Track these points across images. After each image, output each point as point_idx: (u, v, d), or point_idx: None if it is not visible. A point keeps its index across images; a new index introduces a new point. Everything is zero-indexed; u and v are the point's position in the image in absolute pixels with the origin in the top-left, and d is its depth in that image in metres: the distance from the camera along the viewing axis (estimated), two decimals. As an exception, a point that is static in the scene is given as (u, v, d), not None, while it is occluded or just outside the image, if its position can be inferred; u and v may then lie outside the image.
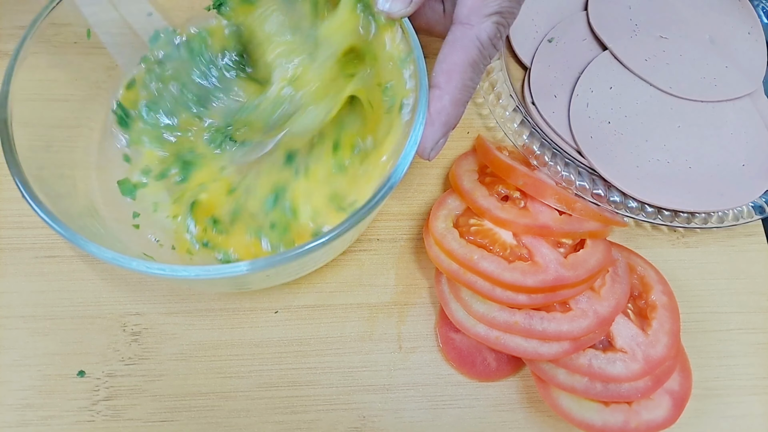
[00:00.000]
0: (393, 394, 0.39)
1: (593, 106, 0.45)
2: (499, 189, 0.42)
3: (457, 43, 0.33)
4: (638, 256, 0.42)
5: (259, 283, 0.36)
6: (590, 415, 0.36)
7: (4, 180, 0.42)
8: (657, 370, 0.36)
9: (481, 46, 0.33)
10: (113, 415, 0.37)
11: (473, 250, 0.38)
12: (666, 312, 0.38)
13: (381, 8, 0.33)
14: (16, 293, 0.40)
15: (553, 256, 0.38)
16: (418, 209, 0.45)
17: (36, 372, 0.38)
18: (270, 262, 0.28)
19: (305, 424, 0.38)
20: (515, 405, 0.40)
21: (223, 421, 0.38)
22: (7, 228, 0.41)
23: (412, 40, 0.34)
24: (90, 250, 0.29)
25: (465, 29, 0.33)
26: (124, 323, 0.40)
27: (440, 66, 0.34)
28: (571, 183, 0.42)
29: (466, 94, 0.34)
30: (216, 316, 0.40)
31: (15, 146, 0.31)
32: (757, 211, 0.43)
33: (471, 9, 0.33)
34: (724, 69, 0.47)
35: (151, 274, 0.28)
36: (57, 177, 0.34)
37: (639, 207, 0.43)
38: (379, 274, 0.42)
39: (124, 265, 0.28)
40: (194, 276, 0.28)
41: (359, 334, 0.41)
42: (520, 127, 0.44)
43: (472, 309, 0.38)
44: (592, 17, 0.49)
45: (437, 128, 0.34)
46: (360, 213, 0.30)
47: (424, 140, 0.33)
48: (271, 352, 0.40)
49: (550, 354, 0.36)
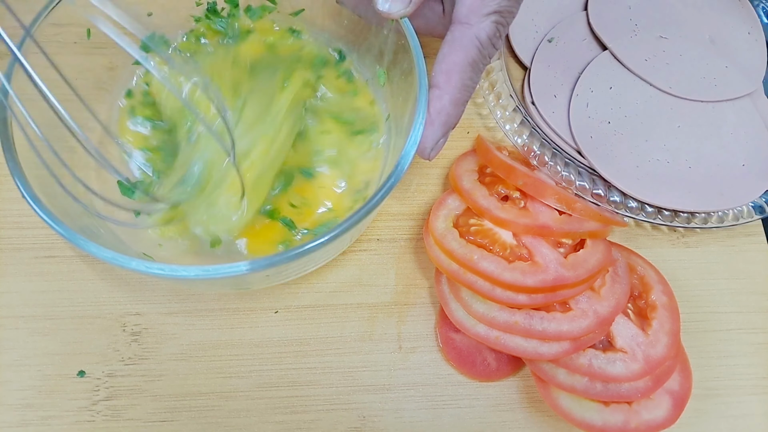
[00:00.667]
0: (393, 394, 0.39)
1: (593, 106, 0.45)
2: (499, 189, 0.42)
3: (456, 42, 0.33)
4: (638, 256, 0.42)
5: (258, 283, 0.36)
6: (590, 415, 0.36)
7: (4, 180, 0.42)
8: (657, 370, 0.36)
9: (480, 46, 0.33)
10: (113, 415, 0.37)
11: (473, 250, 0.38)
12: (666, 312, 0.38)
13: (380, 8, 0.33)
14: (16, 293, 0.40)
15: (553, 256, 0.38)
16: (418, 209, 0.45)
17: (36, 372, 0.38)
18: (270, 261, 0.29)
19: (305, 424, 0.38)
20: (515, 405, 0.40)
21: (223, 421, 0.38)
22: (7, 228, 0.41)
23: (412, 41, 0.34)
24: (90, 250, 0.29)
25: (464, 29, 0.33)
26: (124, 323, 0.40)
27: (440, 66, 0.34)
28: (571, 183, 0.42)
29: (466, 93, 0.34)
30: (216, 316, 0.40)
31: (15, 146, 0.31)
32: (757, 211, 0.43)
33: (470, 9, 0.33)
34: (724, 69, 0.47)
35: (150, 274, 0.28)
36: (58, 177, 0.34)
37: (639, 207, 0.43)
38: (379, 274, 0.42)
39: (124, 264, 0.28)
40: (194, 276, 0.28)
41: (359, 334, 0.41)
42: (520, 127, 0.44)
43: (472, 309, 0.38)
44: (592, 17, 0.49)
45: (437, 128, 0.34)
46: (360, 213, 0.30)
47: (424, 140, 0.33)
48: (271, 352, 0.40)
49: (550, 354, 0.36)
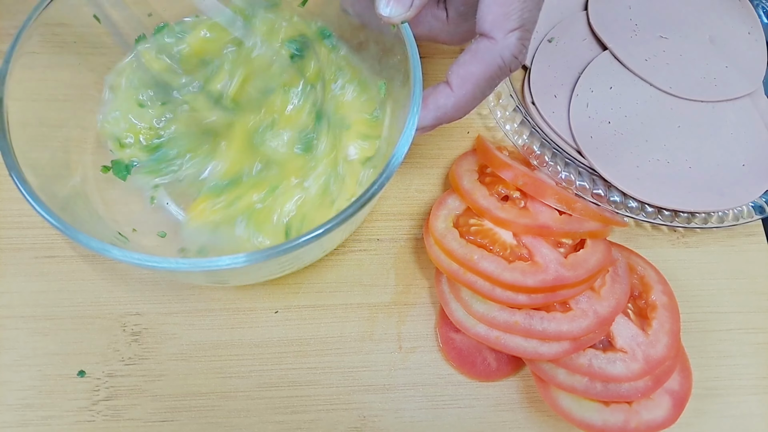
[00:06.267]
0: (393, 394, 0.39)
1: (593, 106, 0.45)
2: (499, 189, 0.41)
3: (479, 54, 0.33)
4: (638, 256, 0.42)
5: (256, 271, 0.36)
6: (590, 414, 0.36)
7: (4, 180, 0.42)
8: (657, 370, 0.36)
9: (502, 63, 0.33)
10: (113, 415, 0.37)
11: (473, 250, 0.38)
12: (666, 312, 0.38)
13: (381, 13, 0.33)
14: (16, 293, 0.40)
15: (553, 256, 0.38)
16: (418, 209, 0.45)
17: (36, 372, 0.38)
18: (263, 255, 0.28)
19: (305, 424, 0.38)
20: (515, 405, 0.40)
21: (223, 421, 0.38)
22: (7, 228, 0.41)
23: (410, 47, 0.34)
24: (91, 245, 0.29)
25: (489, 44, 0.32)
26: (124, 323, 0.40)
27: (457, 69, 0.33)
28: (571, 183, 0.42)
29: (473, 103, 0.34)
30: (216, 316, 0.40)
31: (13, 146, 0.31)
32: (757, 211, 0.43)
33: (493, 23, 0.32)
34: (724, 69, 0.47)
35: (130, 263, 0.28)
36: (55, 177, 0.34)
37: (639, 207, 0.43)
38: (379, 274, 0.42)
39: (108, 253, 0.28)
40: (176, 268, 0.28)
41: (359, 334, 0.41)
42: (520, 127, 0.44)
43: (472, 309, 0.38)
44: (592, 17, 0.49)
45: (430, 119, 0.34)
46: (349, 210, 0.30)
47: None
48: (271, 352, 0.40)
49: (550, 354, 0.36)
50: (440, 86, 0.33)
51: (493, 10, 0.32)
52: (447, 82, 0.33)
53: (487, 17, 0.32)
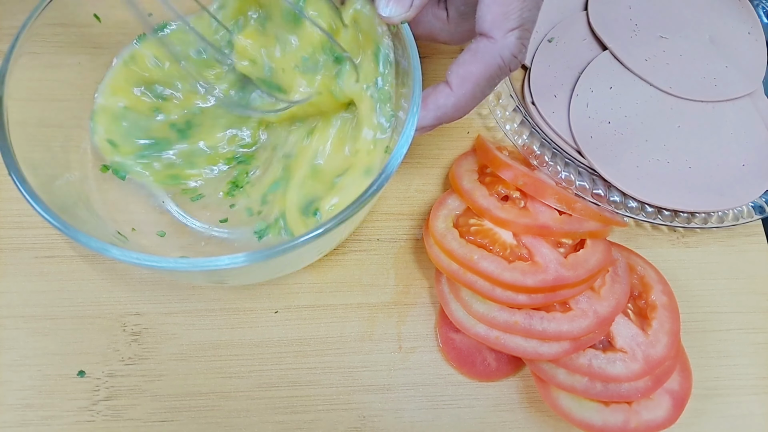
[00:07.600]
0: (393, 394, 0.39)
1: (593, 106, 0.45)
2: (499, 189, 0.41)
3: (479, 54, 0.33)
4: (638, 256, 0.42)
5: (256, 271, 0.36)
6: (590, 414, 0.36)
7: (4, 180, 0.42)
8: (657, 370, 0.36)
9: (502, 63, 0.33)
10: (113, 415, 0.37)
11: (473, 250, 0.38)
12: (666, 312, 0.38)
13: (381, 13, 0.33)
14: (16, 293, 0.40)
15: (553, 256, 0.38)
16: (418, 209, 0.45)
17: (36, 372, 0.38)
18: (263, 255, 0.28)
19: (305, 424, 0.38)
20: (515, 405, 0.40)
21: (223, 421, 0.38)
22: (7, 228, 0.41)
23: (410, 48, 0.33)
24: (85, 242, 0.29)
25: (489, 44, 0.32)
26: (124, 323, 0.40)
27: (457, 69, 0.33)
28: (571, 183, 0.42)
29: (473, 103, 0.34)
30: (216, 316, 0.40)
31: (13, 146, 0.31)
32: (757, 211, 0.43)
33: (492, 23, 0.32)
34: (724, 69, 0.47)
35: (128, 262, 0.28)
36: (55, 177, 0.34)
37: (639, 207, 0.43)
38: (379, 274, 0.42)
39: (107, 253, 0.28)
40: (174, 267, 0.28)
41: (359, 334, 0.41)
42: (520, 127, 0.44)
43: (472, 309, 0.38)
44: (592, 17, 0.49)
45: (430, 119, 0.34)
46: (348, 211, 0.30)
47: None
48: (271, 352, 0.40)
49: (550, 354, 0.36)
50: (440, 86, 0.33)
51: (492, 9, 0.32)
52: (447, 81, 0.33)
53: (486, 17, 0.32)
